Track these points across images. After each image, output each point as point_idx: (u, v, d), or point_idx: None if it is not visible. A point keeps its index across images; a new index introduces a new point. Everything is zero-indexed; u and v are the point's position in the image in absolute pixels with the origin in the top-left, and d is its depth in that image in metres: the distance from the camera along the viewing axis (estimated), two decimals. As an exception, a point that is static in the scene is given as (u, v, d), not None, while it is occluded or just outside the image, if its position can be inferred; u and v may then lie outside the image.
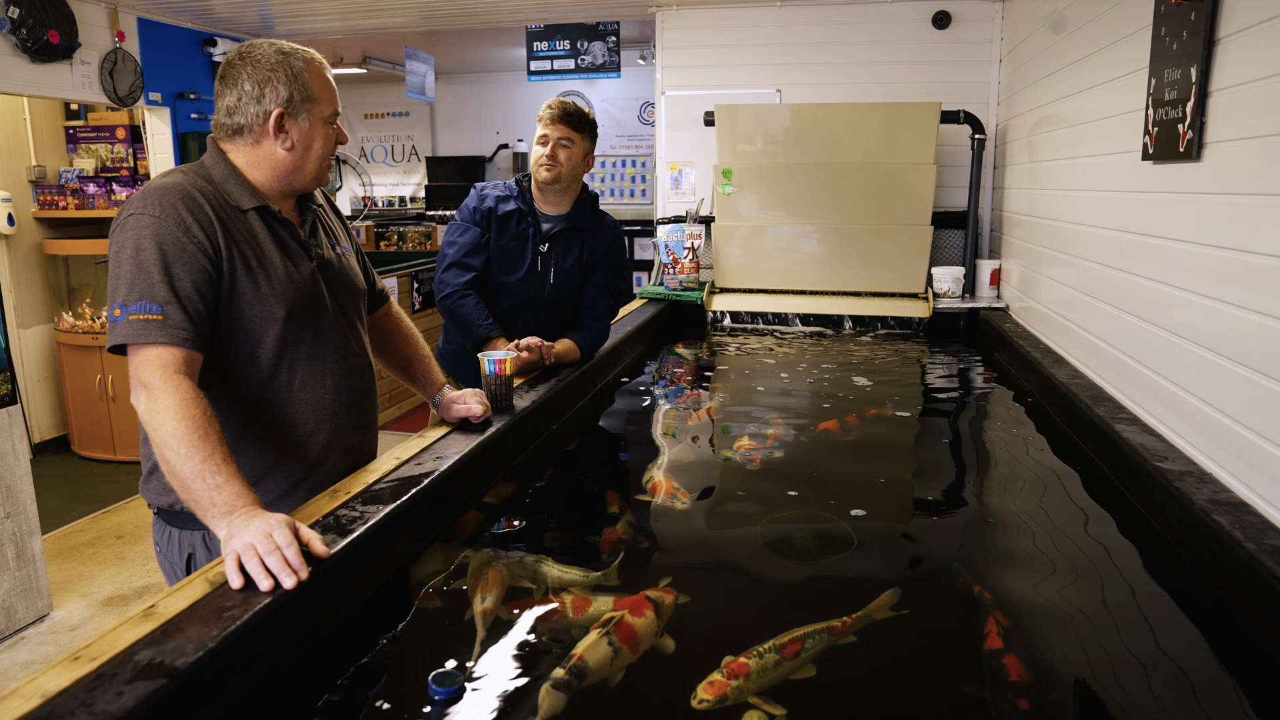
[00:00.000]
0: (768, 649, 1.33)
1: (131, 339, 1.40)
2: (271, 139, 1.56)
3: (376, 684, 1.28)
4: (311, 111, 1.58)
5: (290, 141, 1.57)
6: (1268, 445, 1.60)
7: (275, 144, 1.57)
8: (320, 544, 1.31)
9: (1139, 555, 1.73)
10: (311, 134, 1.59)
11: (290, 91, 1.55)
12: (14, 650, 3.07)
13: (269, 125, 1.55)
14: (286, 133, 1.57)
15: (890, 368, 3.42)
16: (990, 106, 4.37)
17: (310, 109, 1.57)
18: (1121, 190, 2.46)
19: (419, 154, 8.27)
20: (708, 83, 4.66)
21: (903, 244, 4.08)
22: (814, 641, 1.38)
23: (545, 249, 2.62)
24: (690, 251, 4.25)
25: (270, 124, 1.55)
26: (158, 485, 1.58)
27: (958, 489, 2.19)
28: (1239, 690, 1.32)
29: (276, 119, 1.55)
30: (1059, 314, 3.04)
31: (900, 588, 1.58)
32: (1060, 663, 1.40)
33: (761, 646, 1.33)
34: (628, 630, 1.38)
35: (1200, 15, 1.90)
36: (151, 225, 1.44)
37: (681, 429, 2.72)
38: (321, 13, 5.09)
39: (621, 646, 1.35)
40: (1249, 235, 1.71)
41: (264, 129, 1.55)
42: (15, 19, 4.00)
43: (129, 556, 3.83)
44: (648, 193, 7.56)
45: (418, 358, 2.00)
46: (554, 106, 2.54)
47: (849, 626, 1.43)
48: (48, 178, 5.47)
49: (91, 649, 1.06)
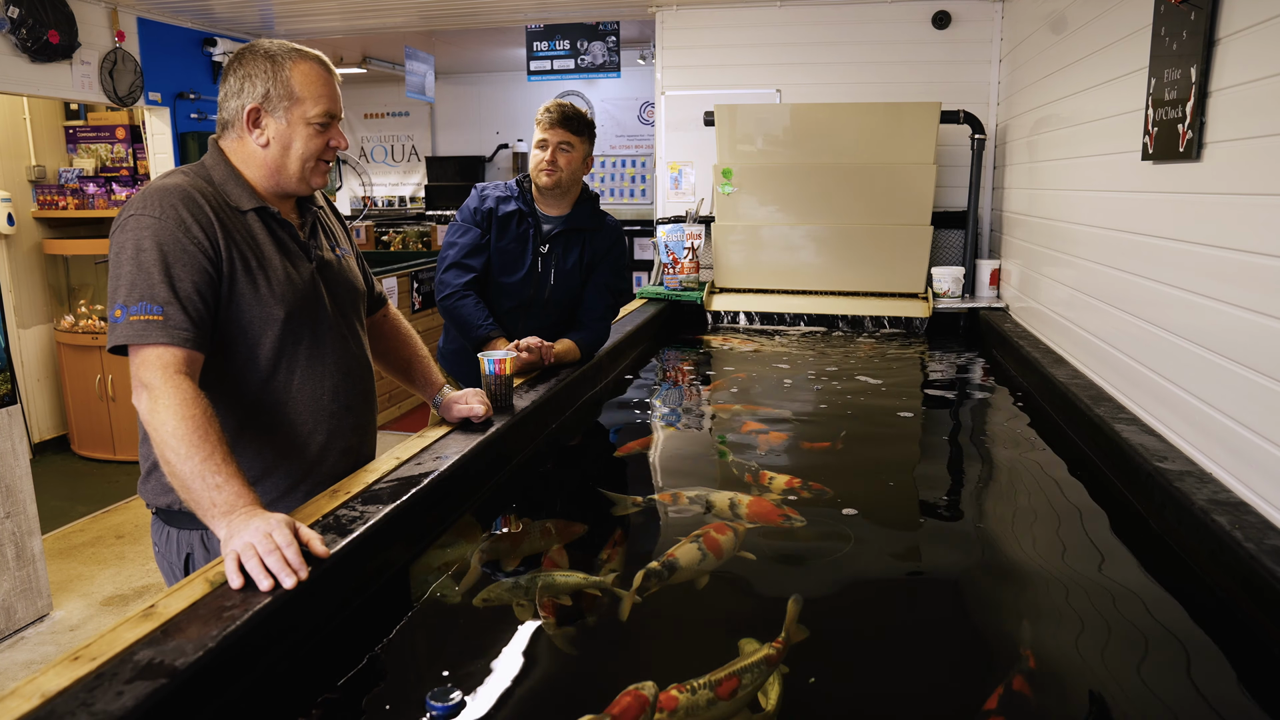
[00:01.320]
0: (702, 685, 1.23)
1: (132, 339, 1.40)
2: (249, 134, 1.57)
3: (376, 684, 1.28)
4: (291, 110, 1.56)
5: (265, 138, 1.57)
6: (1268, 445, 1.60)
7: (251, 139, 1.57)
8: (320, 544, 1.31)
9: (1138, 555, 1.73)
10: (290, 133, 1.57)
11: (267, 88, 1.55)
12: (14, 650, 3.07)
13: (244, 119, 1.56)
14: (261, 128, 1.56)
15: (890, 368, 3.42)
16: (990, 106, 4.37)
17: (290, 107, 1.56)
18: (1121, 190, 2.46)
19: (419, 154, 8.27)
20: (707, 83, 4.66)
21: (903, 244, 4.08)
22: (751, 677, 1.27)
23: (545, 250, 2.62)
24: (690, 251, 4.25)
25: (245, 118, 1.55)
26: (156, 485, 1.59)
27: (956, 489, 2.19)
28: (1239, 690, 1.32)
29: (250, 113, 1.55)
30: (1059, 314, 3.04)
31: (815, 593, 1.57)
32: (1059, 662, 1.40)
33: (697, 681, 1.24)
34: (713, 541, 1.67)
35: (1200, 15, 1.90)
36: (152, 226, 1.44)
37: (680, 430, 2.72)
38: (321, 13, 5.09)
39: (708, 553, 1.63)
40: (1249, 235, 1.71)
41: (242, 124, 1.56)
42: (15, 19, 4.00)
43: (129, 556, 3.83)
44: (647, 193, 7.56)
45: (416, 359, 2.00)
46: (553, 110, 2.53)
47: (781, 652, 1.35)
48: (47, 178, 5.47)
49: (91, 649, 1.05)
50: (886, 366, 3.42)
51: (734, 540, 1.72)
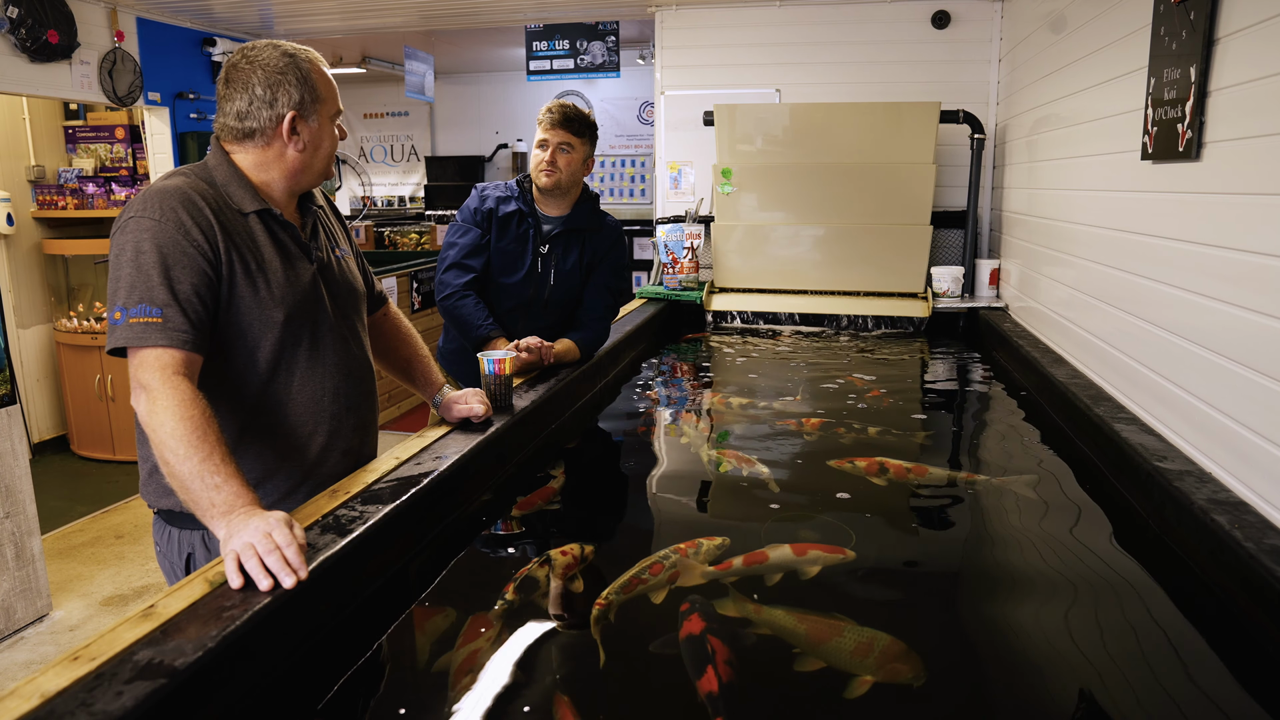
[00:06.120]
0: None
1: (131, 342, 1.40)
2: (284, 141, 1.58)
3: (376, 684, 1.28)
4: (320, 111, 1.60)
5: (302, 143, 1.59)
6: (1267, 445, 1.60)
7: (288, 146, 1.58)
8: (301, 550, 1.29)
9: (1138, 555, 1.73)
10: (320, 134, 1.61)
11: (301, 94, 1.56)
12: (13, 650, 3.07)
13: (282, 129, 1.56)
14: (298, 135, 1.58)
15: (890, 368, 3.42)
16: (990, 106, 4.37)
17: (319, 109, 1.59)
18: (1121, 190, 2.46)
19: (418, 154, 8.27)
20: (707, 82, 4.66)
21: (902, 244, 4.08)
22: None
23: (545, 250, 2.62)
24: (690, 251, 4.25)
25: (284, 127, 1.56)
26: (157, 487, 1.59)
27: (953, 488, 2.19)
28: (1239, 690, 1.32)
29: (290, 122, 1.56)
30: (1058, 313, 3.04)
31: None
32: (1058, 661, 1.40)
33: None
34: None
35: (1200, 15, 1.90)
36: (151, 228, 1.44)
37: (679, 429, 2.72)
38: (321, 12, 5.09)
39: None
40: (1249, 235, 1.71)
41: (276, 132, 1.57)
42: (14, 19, 4.00)
43: (128, 556, 3.83)
44: (647, 192, 7.56)
45: (417, 358, 2.00)
46: (554, 111, 2.53)
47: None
48: (47, 178, 5.47)
49: (91, 649, 1.05)
50: (886, 366, 3.42)
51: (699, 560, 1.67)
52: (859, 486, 2.13)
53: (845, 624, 1.41)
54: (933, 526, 2.00)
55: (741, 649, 1.37)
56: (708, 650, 1.32)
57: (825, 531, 1.85)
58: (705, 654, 1.31)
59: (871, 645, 1.36)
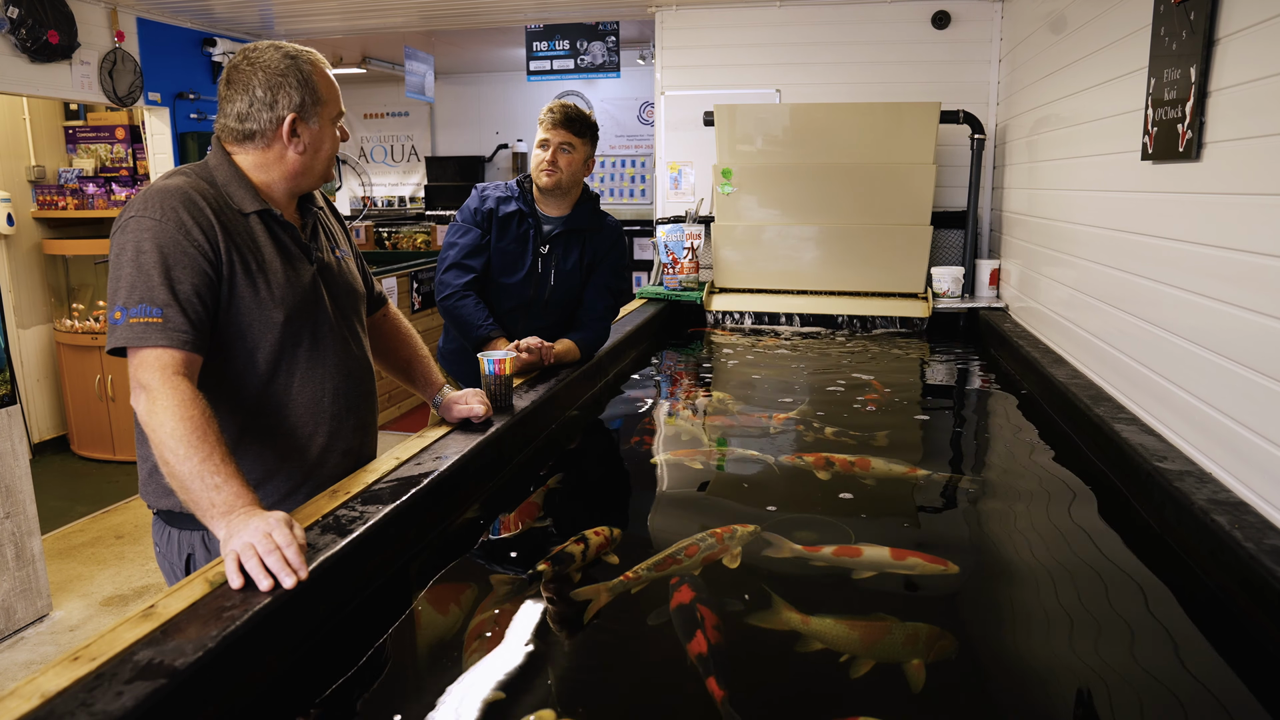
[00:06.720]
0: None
1: (131, 342, 1.40)
2: (284, 143, 1.58)
3: (376, 684, 1.28)
4: (321, 114, 1.60)
5: (302, 145, 1.59)
6: (1267, 445, 1.60)
7: (288, 148, 1.58)
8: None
9: (1138, 555, 1.73)
10: (321, 136, 1.61)
11: (302, 96, 1.56)
12: (13, 650, 3.07)
13: (282, 131, 1.56)
14: (299, 137, 1.58)
15: (890, 368, 3.42)
16: (990, 106, 4.37)
17: (319, 111, 1.59)
18: (1121, 190, 2.46)
19: (418, 154, 8.27)
20: (707, 83, 4.66)
21: (902, 244, 4.08)
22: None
23: (545, 250, 2.62)
24: (690, 251, 4.25)
25: (284, 129, 1.56)
26: (157, 487, 1.59)
27: (954, 488, 2.19)
28: (1239, 690, 1.32)
29: (290, 124, 1.56)
30: (1058, 314, 3.04)
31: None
32: (1058, 661, 1.40)
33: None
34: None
35: (1200, 15, 1.90)
36: (152, 228, 1.44)
37: (678, 429, 2.72)
38: (321, 13, 5.09)
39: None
40: (1249, 235, 1.71)
41: (277, 134, 1.57)
42: (15, 19, 4.00)
43: (128, 556, 3.83)
44: (647, 193, 7.56)
45: (417, 359, 2.00)
46: (555, 111, 2.53)
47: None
48: (47, 178, 5.47)
49: (91, 649, 1.05)
50: (886, 366, 3.42)
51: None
52: (860, 487, 2.13)
53: (890, 621, 1.46)
54: (933, 526, 2.00)
55: (728, 614, 1.45)
56: (697, 617, 1.40)
57: (824, 531, 1.85)
58: (694, 620, 1.40)
59: (917, 635, 1.42)
